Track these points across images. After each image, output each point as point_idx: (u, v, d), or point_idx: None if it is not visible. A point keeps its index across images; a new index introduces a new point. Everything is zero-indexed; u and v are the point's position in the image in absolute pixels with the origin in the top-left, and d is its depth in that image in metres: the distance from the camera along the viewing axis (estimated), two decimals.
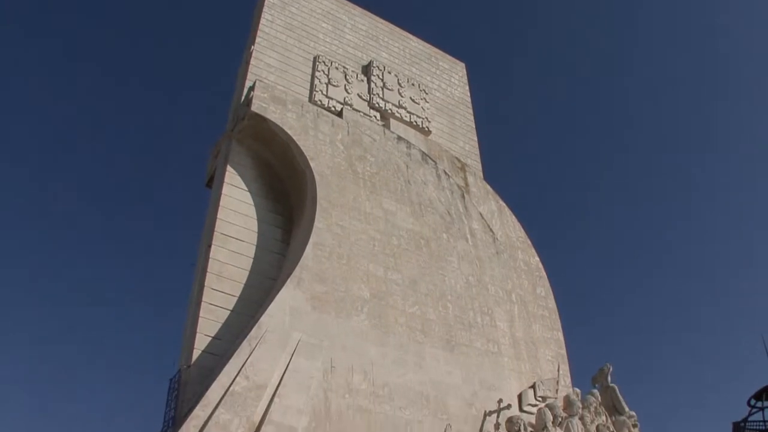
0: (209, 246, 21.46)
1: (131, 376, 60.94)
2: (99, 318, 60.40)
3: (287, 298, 19.75)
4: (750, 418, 21.49)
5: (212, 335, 19.88)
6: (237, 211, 22.63)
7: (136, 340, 61.66)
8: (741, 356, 65.23)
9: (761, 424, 20.93)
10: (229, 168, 23.58)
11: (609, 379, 28.75)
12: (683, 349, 70.79)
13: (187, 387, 18.99)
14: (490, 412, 22.73)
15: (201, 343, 19.64)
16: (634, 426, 28.08)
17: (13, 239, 59.06)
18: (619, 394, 28.30)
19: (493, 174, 32.61)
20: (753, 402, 21.73)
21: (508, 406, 23.08)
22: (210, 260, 21.14)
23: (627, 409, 28.14)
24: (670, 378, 70.27)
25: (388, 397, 20.50)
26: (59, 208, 61.78)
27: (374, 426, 19.68)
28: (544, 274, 29.45)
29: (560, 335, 28.12)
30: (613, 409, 27.96)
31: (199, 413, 16.26)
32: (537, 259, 29.68)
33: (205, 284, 20.66)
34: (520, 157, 76.98)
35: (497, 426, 22.41)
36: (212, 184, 24.86)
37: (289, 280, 20.17)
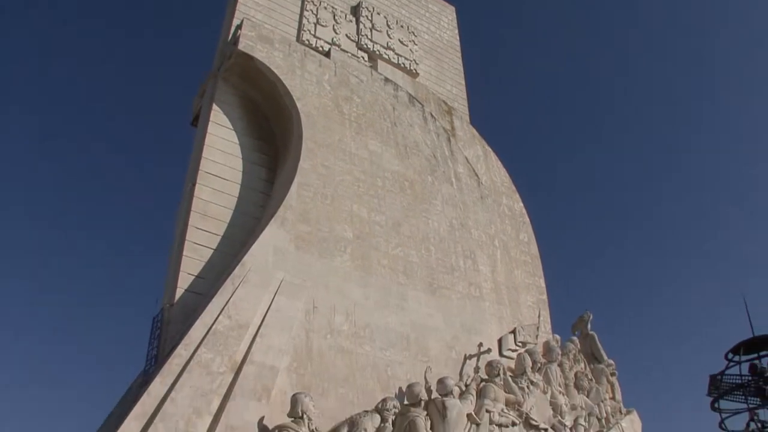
0: (194, 185, 21.36)
1: (114, 315, 60.99)
2: (82, 257, 60.12)
3: (271, 237, 19.73)
4: (727, 372, 21.70)
5: (195, 274, 19.91)
6: (222, 150, 22.47)
7: (119, 278, 61.51)
8: (721, 312, 65.84)
9: (737, 377, 21.14)
10: (214, 107, 23.37)
11: (588, 326, 29.03)
12: (664, 302, 71.36)
13: (170, 326, 19.10)
14: (470, 356, 22.96)
15: (184, 281, 19.67)
16: (612, 374, 28.42)
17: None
18: (598, 342, 28.61)
19: (480, 119, 32.54)
20: (730, 356, 21.94)
21: (488, 351, 23.32)
22: (194, 199, 21.06)
23: (605, 357, 28.47)
24: (650, 329, 70.96)
25: (370, 339, 20.67)
26: (44, 143, 61.09)
27: (355, 366, 19.86)
28: (528, 220, 29.55)
29: (542, 281, 28.30)
30: (592, 357, 28.30)
31: (182, 352, 16.33)
32: (521, 204, 29.74)
33: (189, 223, 20.60)
34: (508, 103, 76.60)
35: (477, 369, 22.63)
36: (197, 122, 24.62)
37: (273, 219, 20.14)
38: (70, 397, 55.99)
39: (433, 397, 20.18)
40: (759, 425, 21.28)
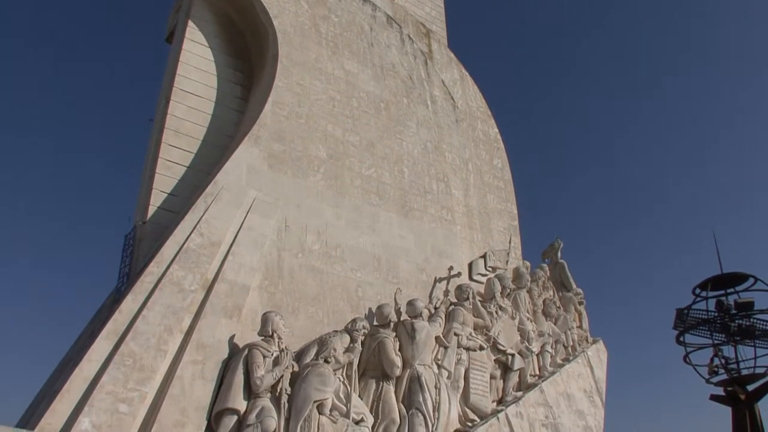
0: (167, 101, 20.97)
1: (86, 233, 60.52)
2: (53, 174, 59.22)
3: (244, 155, 19.55)
4: (693, 306, 22.02)
5: (168, 191, 19.68)
6: (197, 67, 22.03)
7: (91, 196, 60.82)
8: (691, 247, 66.57)
9: (703, 313, 21.46)
10: (190, 23, 22.74)
11: (559, 254, 29.29)
12: (635, 234, 72.05)
13: (142, 243, 18.97)
14: (440, 279, 23.13)
15: (157, 199, 19.45)
16: (580, 303, 28.80)
17: None
18: (567, 271, 28.90)
19: (458, 43, 32.11)
20: (698, 291, 22.23)
21: (458, 274, 23.50)
22: (168, 116, 20.70)
23: (574, 285, 28.80)
24: (619, 261, 71.74)
25: (341, 258, 20.73)
26: (17, 63, 59.54)
27: (326, 286, 19.94)
28: (502, 145, 29.51)
29: (514, 208, 28.41)
30: (561, 285, 28.62)
31: (154, 270, 16.28)
32: (496, 130, 29.67)
33: (162, 140, 20.28)
34: (486, 28, 75.65)
35: (446, 293, 22.81)
36: (172, 39, 24.09)
37: (246, 137, 19.93)
38: (42, 317, 55.90)
39: (402, 318, 20.40)
40: (722, 361, 21.72)
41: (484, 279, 24.72)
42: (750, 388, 22.01)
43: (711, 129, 72.83)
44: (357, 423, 17.29)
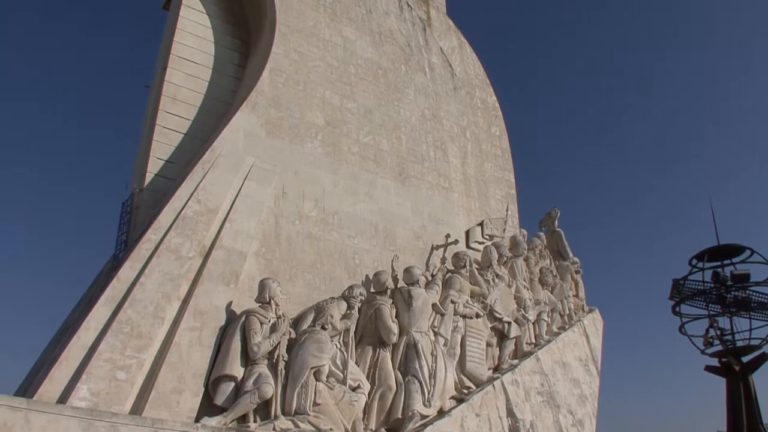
0: (164, 69, 20.81)
1: (84, 201, 60.38)
2: (51, 141, 58.98)
3: (242, 122, 19.45)
4: (690, 277, 22.03)
5: (165, 159, 19.63)
6: (194, 33, 21.84)
7: (89, 163, 60.61)
8: (689, 218, 66.60)
9: (699, 284, 21.48)
10: None
11: (556, 223, 29.28)
12: (632, 203, 72.05)
13: (139, 211, 18.94)
14: (437, 246, 23.16)
15: (154, 166, 19.40)
16: (577, 272, 28.85)
17: None
18: (564, 240, 28.91)
19: (456, 10, 31.87)
20: (694, 262, 22.24)
21: (456, 242, 23.51)
22: (165, 83, 20.56)
23: (571, 254, 28.82)
24: (617, 230, 71.77)
25: (338, 225, 20.73)
26: (10, 26, 59.01)
27: (323, 253, 19.95)
28: (500, 114, 29.46)
29: (511, 176, 28.40)
30: (558, 254, 28.65)
31: (151, 237, 16.25)
32: (494, 98, 29.59)
33: (160, 107, 20.16)
34: None
35: (443, 260, 22.84)
36: (169, 6, 23.82)
37: (244, 104, 19.81)
38: (41, 284, 55.94)
39: (399, 285, 20.45)
40: (718, 332, 21.80)
41: (481, 247, 24.77)
42: (745, 359, 22.10)
43: (710, 102, 72.62)
44: (353, 389, 17.39)
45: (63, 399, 13.40)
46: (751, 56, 70.06)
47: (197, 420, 14.62)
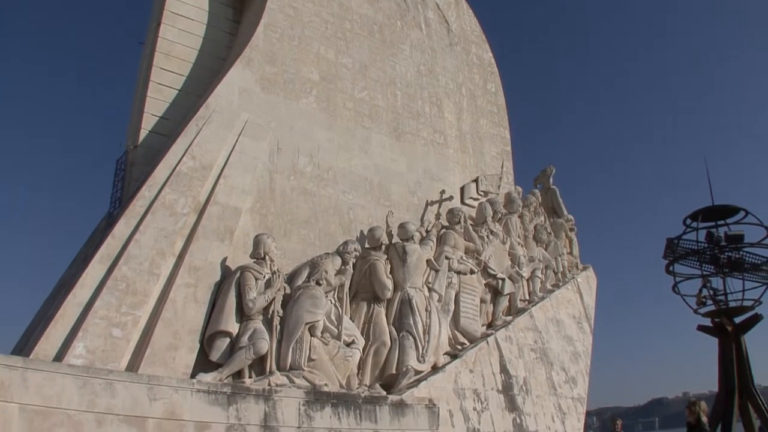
0: (158, 24, 20.51)
1: (78, 159, 60.23)
2: (47, 100, 58.60)
3: (236, 78, 19.28)
4: (684, 237, 22.01)
5: (159, 115, 19.41)
6: None
7: (82, 121, 60.33)
8: (683, 179, 66.74)
9: (693, 243, 21.47)
10: None
11: (551, 181, 29.28)
12: (628, 164, 72.37)
13: (133, 168, 18.81)
14: (432, 202, 23.17)
15: (148, 123, 19.20)
16: (571, 230, 28.89)
17: None
18: (559, 197, 28.93)
19: None
20: (689, 222, 22.22)
21: (450, 198, 23.49)
22: (159, 39, 20.26)
23: (566, 212, 28.86)
24: (612, 189, 72.06)
25: (333, 181, 20.69)
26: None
27: (317, 208, 19.94)
28: (496, 70, 29.26)
29: (507, 133, 28.32)
30: (552, 211, 28.69)
31: (146, 193, 16.17)
32: (490, 54, 29.36)
33: (153, 64, 19.91)
34: None
35: (438, 216, 22.84)
36: None
37: (238, 60, 19.61)
38: (36, 243, 55.98)
39: (393, 241, 20.47)
40: (711, 292, 21.85)
41: (475, 203, 24.79)
42: (737, 320, 22.19)
43: (707, 61, 72.32)
44: (348, 345, 17.46)
45: (59, 357, 13.44)
46: (747, 19, 69.66)
47: (193, 376, 14.67)
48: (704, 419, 10.51)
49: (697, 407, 10.52)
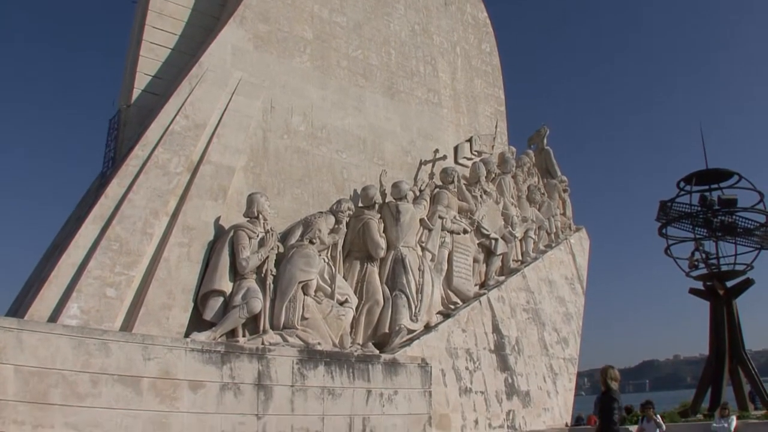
0: None
1: (71, 119, 59.77)
2: (40, 61, 58.02)
3: (229, 36, 19.11)
4: (677, 200, 21.94)
5: (152, 74, 19.26)
6: None
7: (74, 81, 59.77)
8: (678, 142, 66.54)
9: (687, 206, 21.40)
10: None
11: (545, 141, 29.21)
12: (623, 126, 71.96)
13: (126, 127, 18.74)
14: (426, 162, 23.16)
15: (141, 82, 19.07)
16: (565, 191, 28.89)
17: None
18: (552, 158, 28.88)
19: None
20: (682, 185, 22.12)
21: (444, 157, 23.51)
22: None
23: (559, 173, 28.82)
24: (606, 151, 71.85)
25: (326, 140, 20.66)
26: None
27: (311, 167, 19.95)
28: (491, 30, 29.06)
29: (501, 93, 28.24)
30: (546, 172, 28.66)
31: (139, 153, 16.12)
32: (485, 14, 29.16)
33: (146, 22, 19.67)
34: None
35: (431, 175, 22.84)
36: None
37: (231, 18, 19.42)
38: (29, 204, 55.74)
39: (387, 200, 20.57)
40: (703, 255, 21.83)
41: (469, 163, 24.81)
42: (729, 284, 22.21)
43: (706, 25, 71.84)
44: (341, 304, 17.59)
45: (54, 318, 13.49)
46: None
47: (187, 335, 14.78)
48: (613, 386, 10.55)
49: (607, 375, 10.56)
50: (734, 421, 17.01)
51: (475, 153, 25.34)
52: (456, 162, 24.55)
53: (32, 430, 11.60)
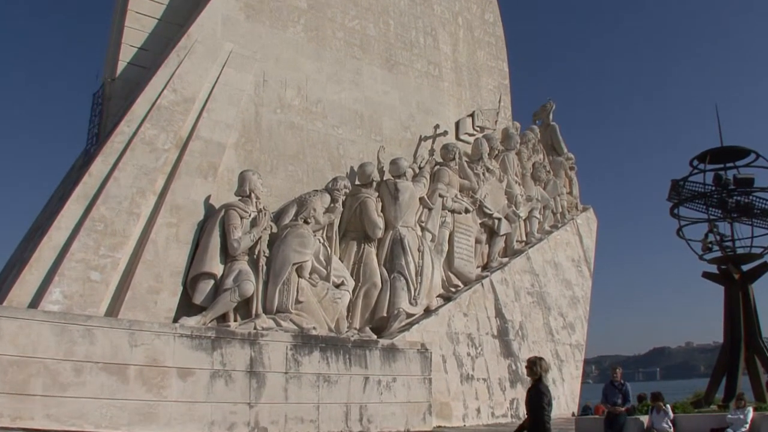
0: None
1: (53, 93, 59.47)
2: (16, 29, 57.63)
3: (219, 5, 18.92)
4: (690, 179, 21.67)
5: (139, 46, 18.98)
6: None
7: (57, 52, 59.40)
8: (691, 119, 66.29)
9: (700, 185, 21.11)
10: None
11: (551, 117, 29.06)
12: (633, 101, 71.58)
13: (111, 101, 18.52)
14: (426, 138, 23.06)
15: (126, 54, 18.81)
16: (571, 168, 28.77)
17: None
18: (559, 134, 28.74)
19: None
20: (695, 163, 21.80)
21: (445, 133, 23.42)
22: None
23: (566, 150, 28.70)
24: (615, 127, 71.47)
25: (322, 115, 20.57)
26: None
27: (305, 143, 19.87)
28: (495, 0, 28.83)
29: (505, 65, 28.07)
30: (551, 149, 28.54)
31: (124, 129, 15.98)
32: None
33: None
34: None
35: (432, 152, 22.74)
36: None
37: None
38: (9, 183, 55.57)
39: (385, 178, 20.51)
40: (717, 237, 21.53)
41: (471, 139, 24.71)
42: (745, 268, 22.03)
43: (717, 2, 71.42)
44: (337, 286, 17.57)
45: (35, 303, 13.41)
46: None
47: (175, 320, 14.70)
48: (545, 376, 10.38)
49: (539, 365, 10.38)
50: (750, 413, 16.87)
51: (478, 128, 25.22)
52: (457, 138, 24.45)
53: (11, 422, 11.54)
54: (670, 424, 15.96)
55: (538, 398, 9.78)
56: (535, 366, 10.03)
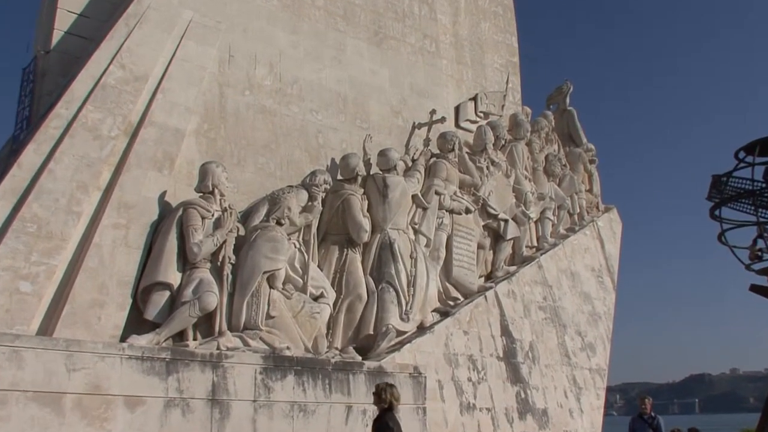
0: None
1: None
2: None
3: None
4: (735, 174, 21.44)
5: (78, 12, 18.68)
6: None
7: None
8: (732, 104, 66.50)
9: (747, 182, 20.84)
10: None
11: (567, 101, 29.07)
12: (663, 84, 71.91)
13: (45, 79, 18.18)
14: (420, 125, 23.00)
15: (63, 22, 18.45)
16: (591, 162, 28.77)
17: None
18: (577, 121, 28.72)
19: None
20: (742, 155, 21.51)
21: (442, 119, 23.34)
22: None
23: (585, 140, 28.67)
24: (643, 115, 71.86)
25: (298, 97, 20.42)
26: None
27: (279, 131, 19.72)
28: None
29: (514, 40, 28.05)
30: (568, 138, 28.52)
31: (62, 112, 15.66)
32: None
33: None
34: None
35: (427, 142, 22.70)
36: None
37: None
38: None
39: (372, 172, 20.42)
40: None
41: (473, 126, 24.61)
42: None
43: None
44: (315, 299, 17.44)
45: None
46: None
47: (123, 339, 14.42)
48: (395, 405, 10.44)
49: (389, 392, 10.41)
50: None
51: (481, 114, 25.19)
52: (457, 125, 24.40)
53: None
54: None
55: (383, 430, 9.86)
56: (384, 393, 10.09)
